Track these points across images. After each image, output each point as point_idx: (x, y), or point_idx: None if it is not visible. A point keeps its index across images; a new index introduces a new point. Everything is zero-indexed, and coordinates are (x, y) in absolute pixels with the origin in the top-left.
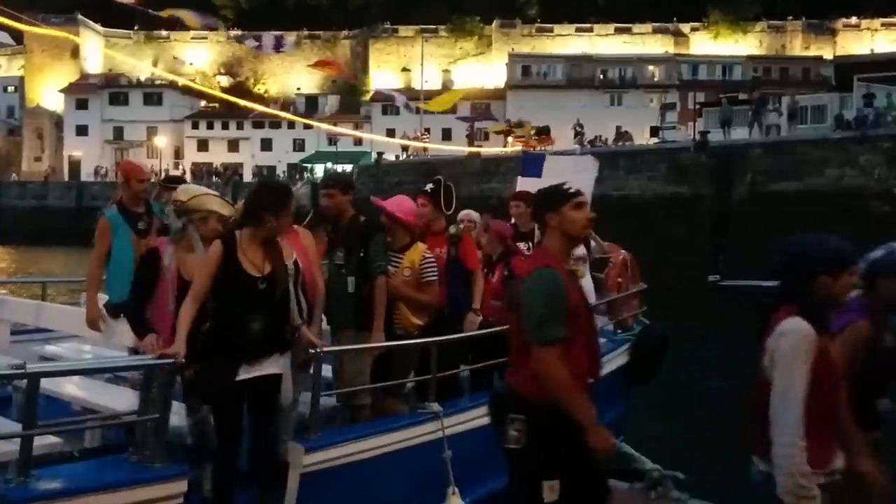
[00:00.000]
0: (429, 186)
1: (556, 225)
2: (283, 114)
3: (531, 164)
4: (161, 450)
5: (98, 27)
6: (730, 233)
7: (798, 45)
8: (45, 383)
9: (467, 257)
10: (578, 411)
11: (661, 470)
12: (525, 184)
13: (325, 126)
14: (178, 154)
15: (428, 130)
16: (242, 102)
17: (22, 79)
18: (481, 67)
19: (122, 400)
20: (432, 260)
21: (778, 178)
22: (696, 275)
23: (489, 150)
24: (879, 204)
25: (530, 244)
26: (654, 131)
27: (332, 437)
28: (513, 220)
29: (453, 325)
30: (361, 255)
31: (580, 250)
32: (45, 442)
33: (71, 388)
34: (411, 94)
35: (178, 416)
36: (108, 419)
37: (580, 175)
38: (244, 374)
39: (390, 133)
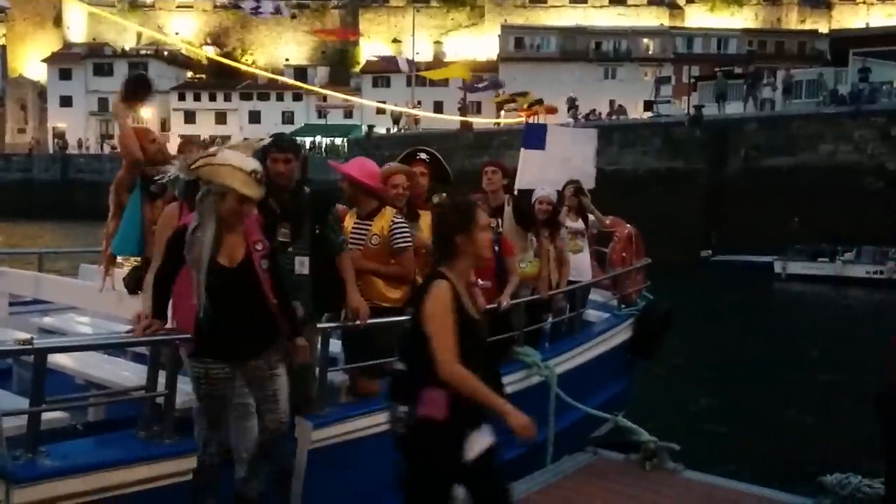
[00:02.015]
0: (424, 155)
1: None
2: (291, 81)
3: (534, 135)
4: (170, 426)
5: None
6: (723, 208)
7: (794, 19)
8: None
9: None
10: None
11: (657, 441)
12: (528, 155)
13: (326, 92)
14: (164, 126)
15: (420, 103)
16: (245, 68)
17: (3, 48)
18: (473, 39)
19: (124, 373)
20: (402, 224)
21: (772, 153)
22: (688, 250)
23: (482, 120)
24: (873, 180)
25: (499, 220)
26: (649, 105)
27: (340, 412)
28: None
29: None
30: (317, 230)
31: (578, 224)
32: (50, 416)
33: (72, 361)
34: (399, 68)
35: (184, 392)
36: (116, 395)
37: (582, 147)
38: None
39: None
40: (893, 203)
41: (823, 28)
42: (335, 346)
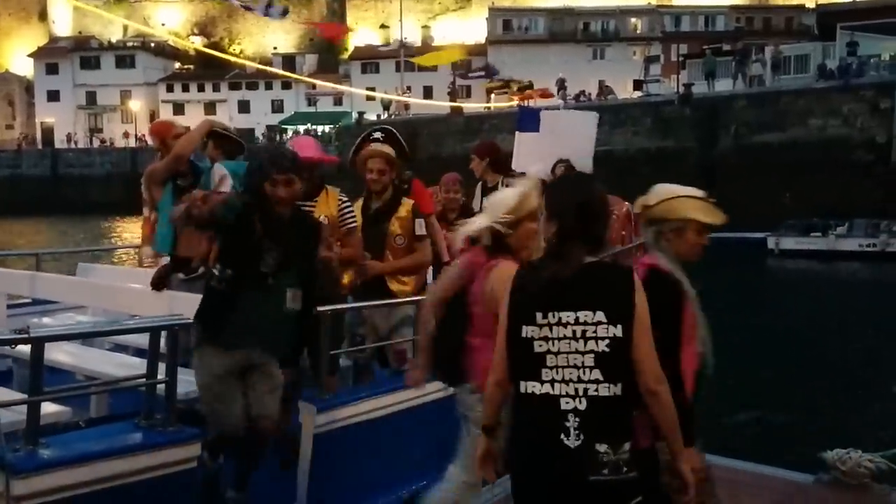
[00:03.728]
0: (379, 134)
1: None
2: (280, 71)
3: (528, 118)
4: (172, 413)
5: None
6: (715, 185)
7: None
8: (48, 353)
9: (419, 202)
10: None
11: None
12: (523, 138)
13: (315, 81)
14: (153, 118)
15: (409, 88)
16: (233, 59)
17: None
18: (461, 23)
19: (126, 368)
20: (349, 204)
21: (762, 129)
22: None
23: (472, 105)
24: (863, 153)
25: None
26: (638, 85)
27: (344, 396)
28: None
29: None
30: (314, 262)
31: None
32: (51, 410)
33: (73, 357)
34: (391, 53)
35: (186, 380)
36: (115, 383)
37: (580, 131)
38: None
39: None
40: (883, 176)
41: (810, 3)
42: None
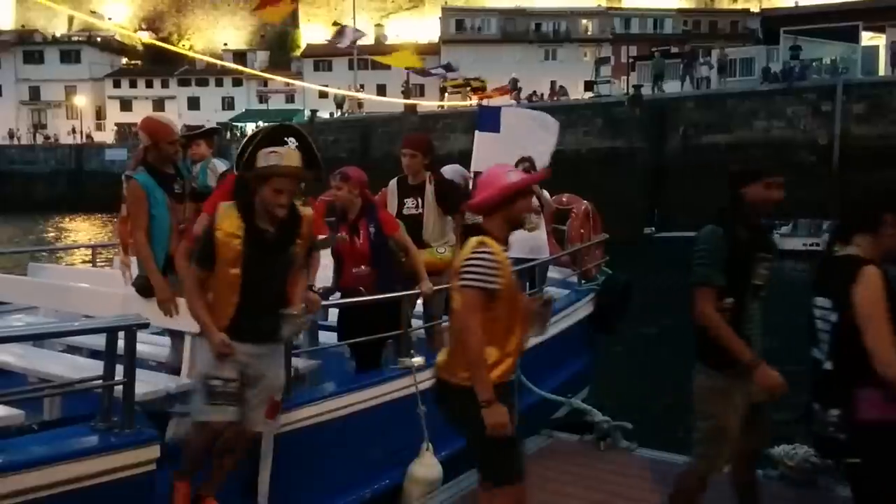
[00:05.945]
0: (292, 140)
1: None
2: (232, 65)
3: (488, 117)
4: (130, 415)
5: None
6: (664, 185)
7: None
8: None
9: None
10: None
11: (611, 421)
12: (483, 139)
13: (268, 76)
14: (99, 114)
15: (363, 87)
16: (184, 52)
17: None
18: (415, 21)
19: (80, 369)
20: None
21: (709, 130)
22: (631, 227)
23: (426, 102)
24: (806, 154)
25: (419, 200)
26: (589, 85)
27: (306, 395)
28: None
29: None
30: None
31: (533, 202)
32: (2, 414)
33: (25, 359)
34: (344, 51)
35: (142, 381)
36: (71, 385)
37: (541, 132)
38: None
39: (323, 91)
40: (826, 177)
41: (755, 7)
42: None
